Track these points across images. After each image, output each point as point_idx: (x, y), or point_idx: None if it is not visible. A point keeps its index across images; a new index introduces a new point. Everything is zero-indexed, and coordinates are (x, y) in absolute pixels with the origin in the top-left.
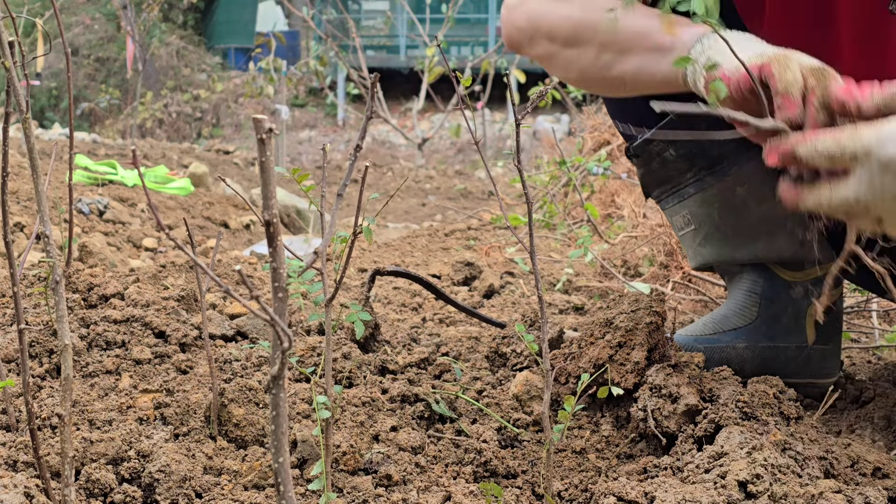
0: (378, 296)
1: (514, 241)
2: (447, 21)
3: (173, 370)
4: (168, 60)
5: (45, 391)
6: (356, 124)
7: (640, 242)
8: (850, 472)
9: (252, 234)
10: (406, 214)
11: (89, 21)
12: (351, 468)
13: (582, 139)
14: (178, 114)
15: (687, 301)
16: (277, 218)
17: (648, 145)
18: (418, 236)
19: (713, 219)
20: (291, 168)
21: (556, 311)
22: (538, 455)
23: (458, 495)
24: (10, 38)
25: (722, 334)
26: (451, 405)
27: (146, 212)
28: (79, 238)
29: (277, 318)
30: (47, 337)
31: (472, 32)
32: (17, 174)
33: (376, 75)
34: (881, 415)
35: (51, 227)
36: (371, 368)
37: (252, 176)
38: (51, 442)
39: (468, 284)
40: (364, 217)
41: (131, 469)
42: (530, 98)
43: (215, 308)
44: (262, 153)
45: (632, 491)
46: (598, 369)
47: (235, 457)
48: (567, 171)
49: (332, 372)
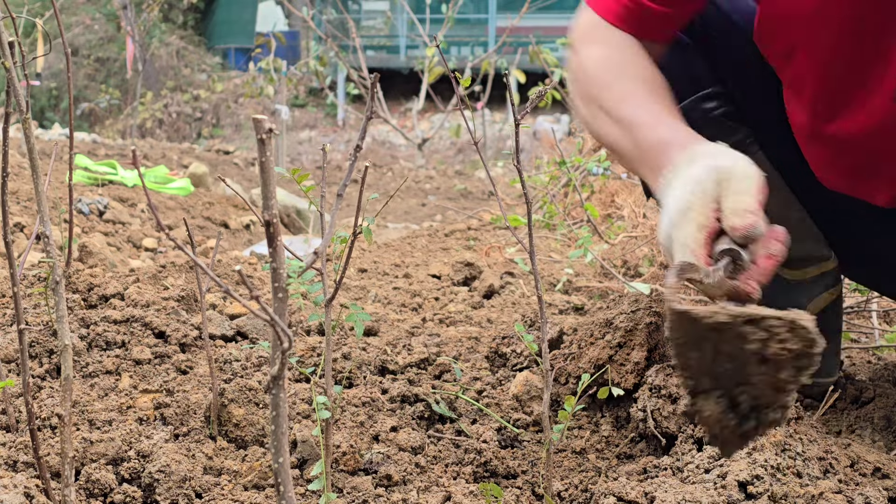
0: (378, 296)
1: (514, 242)
2: (447, 21)
3: (173, 370)
4: (168, 60)
5: (45, 391)
6: (356, 124)
7: (640, 242)
8: (850, 472)
9: (252, 234)
10: (406, 214)
11: (89, 21)
12: (351, 468)
13: (582, 139)
14: (178, 114)
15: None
16: (277, 218)
17: None
18: (418, 236)
19: None
20: (291, 168)
21: (556, 312)
22: (538, 455)
23: (458, 495)
24: (10, 38)
25: None
26: (451, 405)
27: (146, 212)
28: (79, 238)
29: (277, 318)
30: (47, 337)
31: (472, 32)
32: (17, 174)
33: (376, 75)
34: (881, 415)
35: (51, 228)
36: (371, 368)
37: (252, 176)
38: (51, 442)
39: (468, 284)
40: (364, 217)
41: (131, 469)
42: (530, 98)
43: (215, 308)
44: (262, 153)
45: (632, 491)
46: (598, 369)
47: (235, 457)
48: (567, 171)
49: (332, 372)
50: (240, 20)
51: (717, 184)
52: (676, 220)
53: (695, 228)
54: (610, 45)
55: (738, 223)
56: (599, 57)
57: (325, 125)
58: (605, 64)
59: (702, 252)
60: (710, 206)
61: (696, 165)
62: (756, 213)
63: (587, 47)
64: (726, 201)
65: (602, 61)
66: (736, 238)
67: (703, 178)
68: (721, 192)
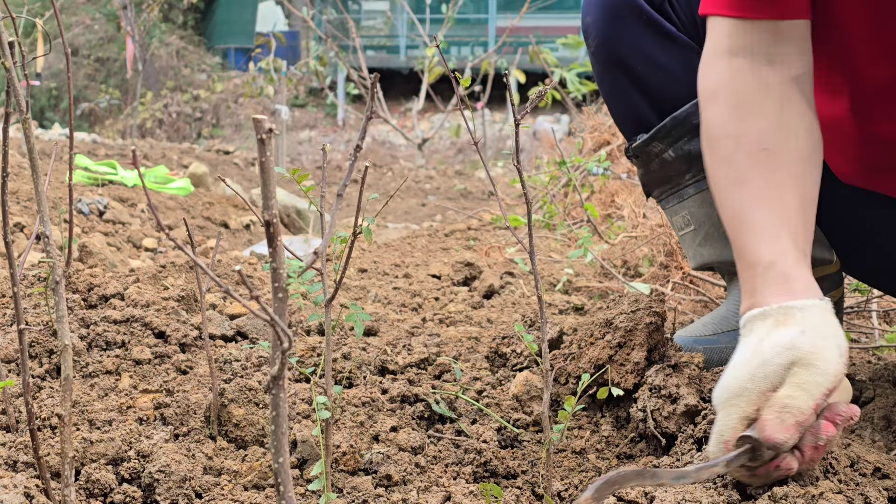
0: (378, 296)
1: (514, 242)
2: (447, 21)
3: (173, 370)
4: (168, 60)
5: (45, 391)
6: (356, 124)
7: (640, 242)
8: (849, 472)
9: (252, 234)
10: (406, 214)
11: (89, 21)
12: (351, 468)
13: (582, 139)
14: (178, 114)
15: (687, 301)
16: (277, 218)
17: (648, 147)
18: (418, 236)
19: (713, 219)
20: (291, 168)
21: (556, 312)
22: (538, 455)
23: (458, 495)
24: (10, 38)
25: (721, 335)
26: (451, 405)
27: (146, 212)
28: (79, 238)
29: (277, 318)
30: (47, 337)
31: (472, 32)
32: (17, 174)
33: (376, 75)
34: (881, 415)
35: (51, 228)
36: (371, 368)
37: (252, 176)
38: (51, 442)
39: (468, 284)
40: (364, 217)
41: (131, 469)
42: (530, 98)
43: (215, 308)
44: (262, 153)
45: (632, 491)
46: (598, 370)
47: (235, 457)
48: (567, 171)
49: (332, 372)
50: (240, 20)
51: (786, 369)
52: (725, 402)
53: (737, 420)
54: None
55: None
56: (717, 119)
57: (325, 125)
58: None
59: (732, 445)
60: (765, 396)
61: (775, 335)
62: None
63: (706, 105)
64: (782, 390)
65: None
66: (758, 435)
67: (770, 360)
68: (785, 378)
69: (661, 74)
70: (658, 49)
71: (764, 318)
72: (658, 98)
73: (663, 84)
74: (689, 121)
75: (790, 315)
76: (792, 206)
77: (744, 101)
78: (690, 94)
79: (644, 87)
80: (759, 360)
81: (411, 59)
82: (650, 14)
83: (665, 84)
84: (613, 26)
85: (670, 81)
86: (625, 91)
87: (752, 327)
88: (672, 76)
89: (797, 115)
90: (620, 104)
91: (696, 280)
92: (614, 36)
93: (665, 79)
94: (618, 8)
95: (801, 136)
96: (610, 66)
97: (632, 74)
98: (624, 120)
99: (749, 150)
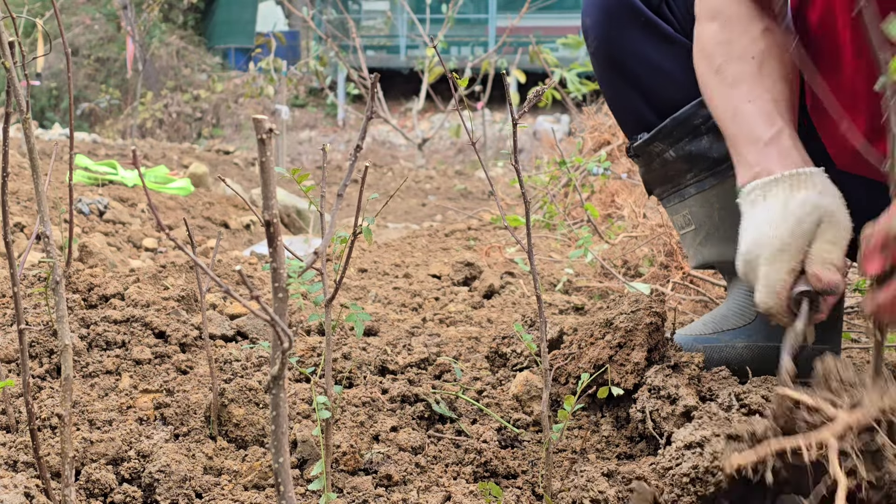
0: (378, 296)
1: (514, 242)
2: (447, 21)
3: (173, 370)
4: (168, 60)
5: (45, 391)
6: (356, 124)
7: (640, 242)
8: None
9: (252, 234)
10: (406, 214)
11: (89, 21)
12: (351, 468)
13: (582, 139)
14: (178, 114)
15: (687, 301)
16: (277, 218)
17: (649, 146)
18: (418, 236)
19: (713, 219)
20: (291, 168)
21: (556, 312)
22: (538, 455)
23: (458, 495)
24: (10, 38)
25: (721, 334)
26: (451, 405)
27: (146, 212)
28: (79, 238)
29: (277, 318)
30: (47, 337)
31: (472, 32)
32: (17, 174)
33: (376, 75)
34: None
35: (51, 227)
36: (371, 368)
37: (252, 176)
38: (51, 442)
39: (468, 284)
40: (364, 217)
41: (131, 469)
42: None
43: (215, 308)
44: (263, 153)
45: None
46: (598, 370)
47: (235, 457)
48: (567, 171)
49: (332, 372)
50: (240, 20)
51: (816, 225)
52: (770, 258)
53: (785, 273)
54: (723, 16)
55: (824, 276)
56: (712, 34)
57: (325, 125)
58: (718, 45)
59: (786, 295)
60: (804, 251)
61: (799, 197)
62: (842, 269)
63: (703, 23)
64: (817, 246)
65: (715, 41)
66: (815, 287)
67: (804, 219)
68: (816, 235)
69: (659, 76)
70: (656, 51)
71: (777, 184)
72: (657, 99)
73: (661, 85)
74: (690, 122)
75: (802, 180)
76: (782, 103)
77: (735, 20)
78: (689, 94)
79: (643, 88)
80: (793, 218)
81: (411, 59)
82: (648, 16)
83: (663, 85)
84: (612, 28)
85: (668, 83)
86: (624, 91)
87: (767, 192)
88: (670, 77)
89: (777, 41)
90: (621, 104)
91: (697, 280)
92: (613, 38)
93: (663, 80)
94: (616, 10)
95: (783, 56)
96: (609, 67)
97: (630, 76)
98: (625, 119)
99: (741, 56)
